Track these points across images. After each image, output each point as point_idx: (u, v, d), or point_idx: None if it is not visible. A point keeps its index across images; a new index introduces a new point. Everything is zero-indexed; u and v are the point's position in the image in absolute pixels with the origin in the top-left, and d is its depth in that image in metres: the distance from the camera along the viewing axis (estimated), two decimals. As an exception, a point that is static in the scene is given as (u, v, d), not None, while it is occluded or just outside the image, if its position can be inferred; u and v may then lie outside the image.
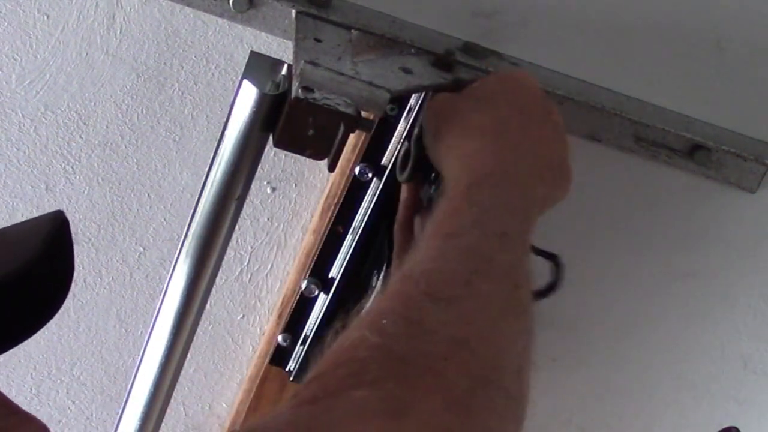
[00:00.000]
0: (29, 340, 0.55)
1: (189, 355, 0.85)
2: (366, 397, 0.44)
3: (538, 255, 0.71)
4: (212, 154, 0.73)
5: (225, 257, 0.79)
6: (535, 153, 0.66)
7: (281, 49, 0.83)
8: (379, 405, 0.43)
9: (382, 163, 0.85)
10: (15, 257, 0.54)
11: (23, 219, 0.95)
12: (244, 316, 1.03)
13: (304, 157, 0.70)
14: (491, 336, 0.50)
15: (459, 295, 0.52)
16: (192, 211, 0.76)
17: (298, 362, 0.95)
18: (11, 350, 0.54)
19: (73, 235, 0.60)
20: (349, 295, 0.87)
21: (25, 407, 0.50)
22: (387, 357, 0.46)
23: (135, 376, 0.85)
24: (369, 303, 0.54)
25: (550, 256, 0.70)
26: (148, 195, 0.94)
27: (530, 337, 0.54)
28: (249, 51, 0.77)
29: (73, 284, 0.98)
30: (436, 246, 0.56)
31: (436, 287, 0.52)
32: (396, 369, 0.46)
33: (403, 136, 0.81)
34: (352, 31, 0.77)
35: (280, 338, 0.96)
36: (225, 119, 0.71)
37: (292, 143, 0.69)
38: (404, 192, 0.76)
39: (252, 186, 0.75)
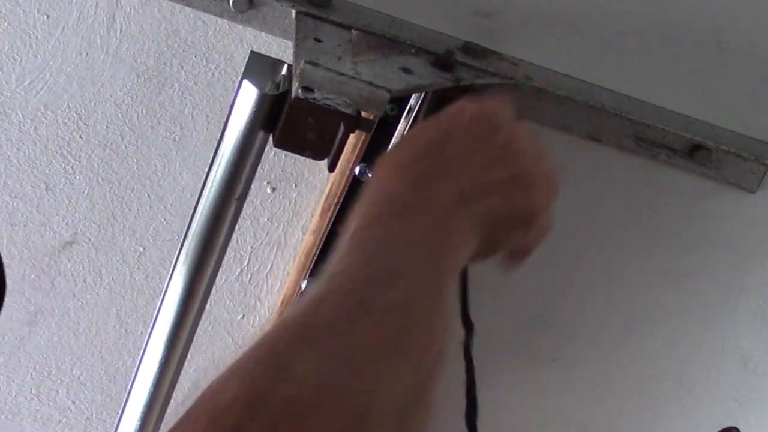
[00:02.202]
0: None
1: (189, 355, 0.85)
2: None
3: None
4: (212, 154, 0.73)
5: (225, 257, 0.79)
6: (454, 181, 0.62)
7: (281, 49, 0.83)
8: None
9: (382, 163, 0.85)
10: None
11: (23, 219, 0.95)
12: (244, 316, 1.03)
13: (304, 157, 0.70)
14: (366, 379, 0.48)
15: (330, 337, 0.49)
16: (192, 211, 0.76)
17: (298, 362, 0.95)
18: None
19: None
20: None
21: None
22: (248, 403, 0.44)
23: (135, 376, 0.85)
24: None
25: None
26: (148, 195, 0.94)
27: (427, 377, 0.51)
28: (249, 51, 0.77)
29: (73, 284, 0.99)
30: (316, 288, 0.54)
31: (305, 330, 0.50)
32: (257, 416, 0.44)
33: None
34: (352, 31, 0.77)
35: (280, 338, 0.96)
36: (225, 119, 0.71)
37: (292, 143, 0.69)
38: None
39: (252, 186, 0.75)
